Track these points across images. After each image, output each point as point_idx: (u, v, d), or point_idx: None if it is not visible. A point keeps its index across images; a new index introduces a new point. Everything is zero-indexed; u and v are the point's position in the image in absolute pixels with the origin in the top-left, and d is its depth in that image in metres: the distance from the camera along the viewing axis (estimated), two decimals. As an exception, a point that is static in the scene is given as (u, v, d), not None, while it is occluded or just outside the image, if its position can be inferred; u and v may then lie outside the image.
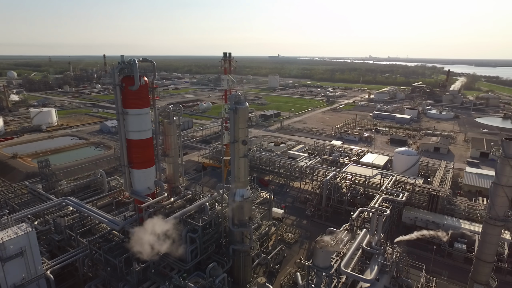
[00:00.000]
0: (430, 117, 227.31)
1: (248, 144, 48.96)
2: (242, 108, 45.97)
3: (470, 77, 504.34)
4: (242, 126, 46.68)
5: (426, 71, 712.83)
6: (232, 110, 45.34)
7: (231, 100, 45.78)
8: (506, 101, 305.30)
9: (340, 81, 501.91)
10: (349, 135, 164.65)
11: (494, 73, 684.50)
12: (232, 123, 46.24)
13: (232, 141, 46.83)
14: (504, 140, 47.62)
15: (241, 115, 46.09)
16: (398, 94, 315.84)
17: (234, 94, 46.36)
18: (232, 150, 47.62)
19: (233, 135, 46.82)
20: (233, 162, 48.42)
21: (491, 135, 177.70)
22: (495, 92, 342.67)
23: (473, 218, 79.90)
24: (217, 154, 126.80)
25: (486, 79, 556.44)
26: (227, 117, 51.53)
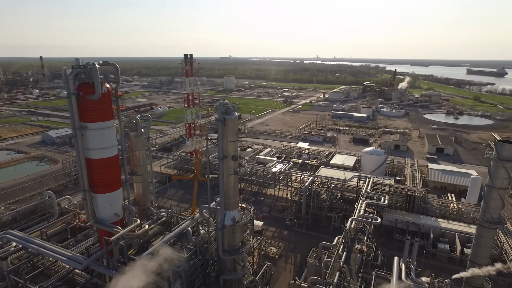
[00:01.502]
0: (384, 115, 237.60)
1: (214, 150, 42.51)
2: (231, 119, 39.77)
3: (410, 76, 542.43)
4: (232, 139, 40.49)
5: (371, 71, 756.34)
6: (220, 121, 38.89)
7: (218, 110, 39.35)
8: (444, 97, 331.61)
9: (294, 81, 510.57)
10: (313, 136, 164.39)
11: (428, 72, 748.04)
12: (220, 136, 39.84)
13: (220, 157, 40.43)
14: (497, 142, 46.93)
15: (231, 127, 39.87)
16: (351, 93, 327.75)
17: (221, 103, 39.93)
18: (221, 167, 41.20)
19: (221, 150, 40.41)
20: (221, 181, 41.99)
21: (440, 130, 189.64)
22: (434, 90, 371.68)
23: (446, 215, 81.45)
24: (182, 163, 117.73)
25: (423, 78, 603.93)
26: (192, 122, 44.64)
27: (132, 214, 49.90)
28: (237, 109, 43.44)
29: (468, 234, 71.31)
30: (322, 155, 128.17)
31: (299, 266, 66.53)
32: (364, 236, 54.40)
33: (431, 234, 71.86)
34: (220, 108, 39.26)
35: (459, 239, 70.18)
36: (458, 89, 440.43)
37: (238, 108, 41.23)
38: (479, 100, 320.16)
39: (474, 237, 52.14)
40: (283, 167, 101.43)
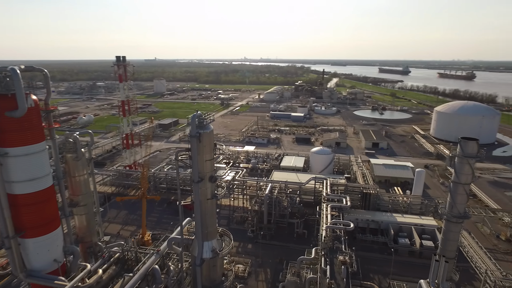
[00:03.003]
0: (318, 113, 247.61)
1: (155, 161, 36.01)
2: (207, 134, 33.35)
3: (332, 75, 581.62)
4: (209, 157, 34.09)
5: (298, 71, 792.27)
6: (194, 137, 32.18)
7: (192, 123, 32.62)
8: (367, 94, 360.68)
9: (227, 82, 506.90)
10: (257, 138, 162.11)
11: (347, 71, 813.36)
12: (194, 154, 33.10)
13: (196, 179, 33.65)
14: (461, 140, 48.56)
15: (207, 143, 33.47)
16: (285, 93, 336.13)
17: (195, 115, 33.27)
18: (196, 192, 34.47)
19: (196, 172, 33.71)
20: (197, 208, 35.18)
21: (371, 126, 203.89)
22: (356, 88, 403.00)
23: (398, 209, 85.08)
24: (121, 179, 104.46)
25: (345, 76, 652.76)
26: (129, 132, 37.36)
27: (76, 257, 39.87)
28: (212, 121, 36.84)
29: (422, 226, 75.05)
30: (271, 158, 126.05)
31: (271, 282, 62.17)
32: (341, 244, 52.36)
33: (391, 230, 73.84)
34: (194, 121, 32.59)
35: (416, 232, 73.23)
36: (376, 87, 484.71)
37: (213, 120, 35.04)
38: (395, 96, 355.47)
39: (442, 232, 53.57)
40: (238, 174, 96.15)
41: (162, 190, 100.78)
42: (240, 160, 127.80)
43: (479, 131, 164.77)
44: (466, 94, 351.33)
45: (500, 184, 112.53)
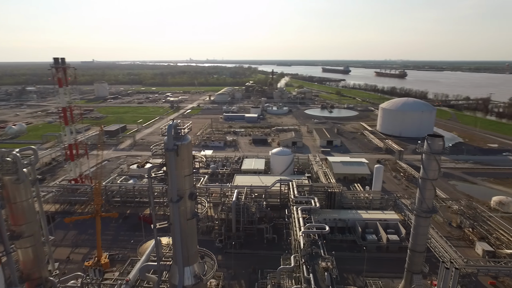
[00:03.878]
0: (271, 113, 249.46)
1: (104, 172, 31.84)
2: (185, 145, 29.23)
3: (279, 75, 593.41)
4: (188, 172, 29.99)
5: (246, 71, 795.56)
6: (172, 150, 27.92)
7: (168, 134, 28.21)
8: (315, 93, 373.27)
9: (174, 84, 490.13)
10: (214, 142, 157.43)
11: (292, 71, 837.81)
12: (171, 170, 28.80)
13: (174, 199, 29.32)
14: (428, 137, 49.99)
15: (185, 156, 29.34)
16: (236, 94, 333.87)
17: (171, 125, 28.85)
18: (175, 212, 30.12)
19: (174, 189, 29.39)
20: (176, 229, 30.81)
21: (322, 124, 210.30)
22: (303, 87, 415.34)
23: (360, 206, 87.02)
24: (67, 195, 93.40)
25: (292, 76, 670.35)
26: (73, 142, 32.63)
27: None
28: (190, 130, 32.63)
29: (386, 220, 77.51)
30: (231, 162, 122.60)
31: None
32: (320, 249, 51.13)
33: (358, 227, 75.07)
34: (170, 132, 28.26)
35: (381, 227, 75.32)
36: (322, 85, 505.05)
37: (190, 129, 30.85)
38: (341, 94, 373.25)
39: (412, 227, 55.12)
40: (198, 181, 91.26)
41: (116, 204, 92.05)
42: (199, 165, 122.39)
43: (419, 126, 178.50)
44: (402, 91, 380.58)
45: (444, 174, 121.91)
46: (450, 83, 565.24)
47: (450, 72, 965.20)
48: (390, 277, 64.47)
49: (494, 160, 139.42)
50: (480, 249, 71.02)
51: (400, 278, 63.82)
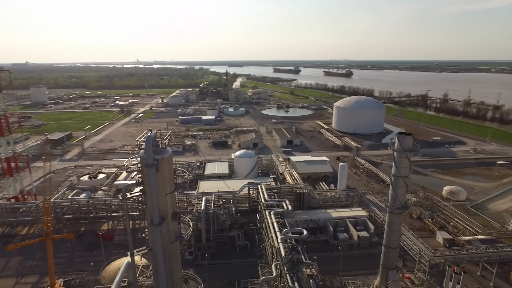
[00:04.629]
0: (228, 115, 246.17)
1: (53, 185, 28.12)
2: (166, 159, 25.58)
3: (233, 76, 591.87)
4: (170, 189, 26.30)
5: (197, 73, 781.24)
6: (152, 166, 24.13)
7: (147, 148, 24.29)
8: (269, 93, 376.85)
9: (122, 87, 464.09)
10: (172, 147, 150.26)
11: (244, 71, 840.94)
12: (151, 188, 24.94)
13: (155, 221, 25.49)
14: (399, 135, 50.93)
15: (167, 171, 25.72)
16: (190, 96, 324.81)
17: (150, 137, 24.93)
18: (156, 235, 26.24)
19: (155, 210, 25.56)
20: (158, 254, 26.88)
21: (280, 124, 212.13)
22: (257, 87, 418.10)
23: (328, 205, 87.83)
24: (5, 216, 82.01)
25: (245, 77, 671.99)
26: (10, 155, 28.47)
27: None
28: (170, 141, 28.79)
29: (355, 217, 78.90)
30: (192, 167, 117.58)
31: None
32: (300, 254, 49.69)
33: (330, 227, 75.39)
34: (150, 145, 24.37)
35: (351, 224, 76.43)
36: (275, 85, 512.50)
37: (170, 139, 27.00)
38: (294, 94, 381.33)
39: (386, 224, 56.08)
40: None
41: (67, 222, 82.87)
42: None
43: (372, 122, 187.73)
44: (350, 89, 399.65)
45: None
46: (391, 81, 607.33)
47: (389, 71, 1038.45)
48: (365, 274, 65.40)
49: (439, 152, 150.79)
50: (441, 238, 75.24)
51: (374, 274, 65.10)
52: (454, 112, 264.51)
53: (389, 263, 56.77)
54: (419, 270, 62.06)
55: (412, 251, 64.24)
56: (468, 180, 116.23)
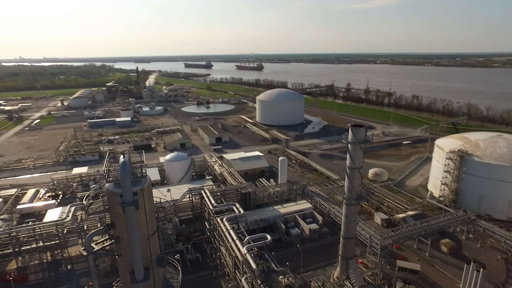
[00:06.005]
0: (145, 115, 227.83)
1: None
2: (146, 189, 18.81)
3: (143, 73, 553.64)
4: (153, 229, 19.56)
5: (100, 70, 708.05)
6: (132, 204, 17.24)
7: (124, 179, 17.18)
8: (185, 90, 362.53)
9: (6, 90, 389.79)
10: (85, 156, 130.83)
11: (153, 68, 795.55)
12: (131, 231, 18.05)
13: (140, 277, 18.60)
14: (352, 128, 51.15)
15: (148, 205, 18.94)
16: (96, 96, 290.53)
17: (126, 163, 17.67)
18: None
19: (138, 262, 18.80)
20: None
21: (204, 121, 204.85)
22: (172, 84, 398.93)
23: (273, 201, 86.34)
24: None
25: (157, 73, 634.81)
26: None
27: None
28: (145, 168, 21.46)
29: (302, 211, 79.11)
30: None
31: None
32: (270, 262, 46.39)
33: (281, 224, 73.96)
34: (127, 175, 17.21)
35: (300, 218, 76.34)
36: (190, 81, 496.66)
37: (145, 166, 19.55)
38: (211, 89, 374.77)
39: (343, 215, 56.63)
40: (72, 208, 72.53)
41: None
42: (73, 189, 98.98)
43: (293, 114, 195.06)
44: (265, 82, 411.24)
45: (326, 156, 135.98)
46: (299, 73, 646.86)
47: (295, 64, 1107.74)
48: (322, 266, 65.91)
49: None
50: (379, 219, 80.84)
51: (330, 265, 66.14)
52: (359, 99, 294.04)
53: (349, 253, 57.73)
54: (370, 254, 64.94)
55: (361, 237, 66.90)
56: (385, 161, 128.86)
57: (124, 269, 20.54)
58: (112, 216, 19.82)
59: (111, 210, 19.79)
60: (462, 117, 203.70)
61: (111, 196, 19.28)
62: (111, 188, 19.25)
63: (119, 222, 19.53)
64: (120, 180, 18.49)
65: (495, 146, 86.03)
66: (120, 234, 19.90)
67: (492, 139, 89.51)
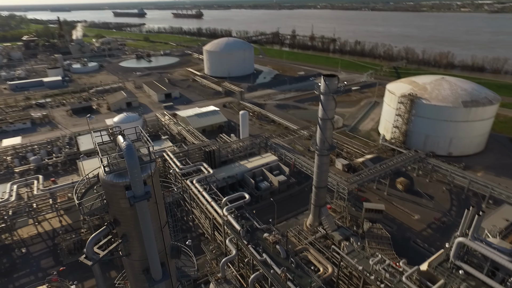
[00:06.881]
0: (78, 73, 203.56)
1: None
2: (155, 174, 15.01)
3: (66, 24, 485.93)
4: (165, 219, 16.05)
5: (10, 22, 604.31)
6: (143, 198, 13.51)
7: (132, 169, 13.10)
8: (120, 43, 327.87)
9: None
10: (13, 125, 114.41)
11: (76, 17, 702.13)
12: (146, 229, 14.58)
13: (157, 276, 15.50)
14: (324, 77, 49.46)
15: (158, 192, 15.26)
16: (12, 54, 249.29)
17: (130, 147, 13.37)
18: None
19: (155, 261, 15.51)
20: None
21: (148, 76, 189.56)
22: (103, 36, 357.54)
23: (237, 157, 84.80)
24: None
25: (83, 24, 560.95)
26: None
27: None
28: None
29: (268, 164, 79.01)
30: (59, 146, 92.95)
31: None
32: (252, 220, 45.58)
33: (249, 179, 73.45)
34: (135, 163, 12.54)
35: (267, 171, 76.40)
36: (123, 32, 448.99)
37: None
38: (150, 40, 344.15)
39: (316, 166, 57.19)
40: (15, 187, 64.35)
41: None
42: (9, 163, 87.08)
43: (244, 64, 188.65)
44: (208, 31, 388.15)
45: (281, 106, 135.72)
46: (242, 20, 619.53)
47: (236, 10, 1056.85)
48: (293, 216, 68.13)
49: (307, 86, 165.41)
50: (340, 164, 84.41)
51: (301, 213, 68.57)
52: (305, 46, 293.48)
53: (321, 201, 59.63)
54: (337, 199, 68.11)
55: (329, 184, 69.36)
56: (337, 107, 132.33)
57: (133, 269, 17.45)
58: (114, 212, 16.04)
59: (112, 205, 15.97)
60: (401, 61, 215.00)
61: (111, 189, 15.34)
62: (110, 179, 15.24)
63: (125, 218, 15.91)
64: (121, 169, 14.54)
65: (440, 89, 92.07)
66: (126, 231, 16.35)
67: (437, 82, 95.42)
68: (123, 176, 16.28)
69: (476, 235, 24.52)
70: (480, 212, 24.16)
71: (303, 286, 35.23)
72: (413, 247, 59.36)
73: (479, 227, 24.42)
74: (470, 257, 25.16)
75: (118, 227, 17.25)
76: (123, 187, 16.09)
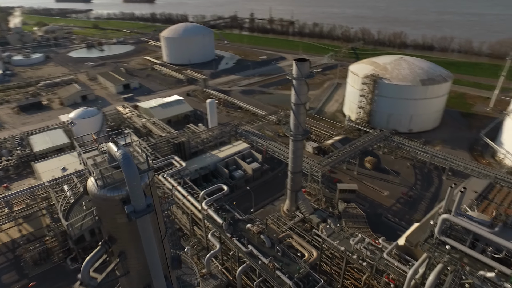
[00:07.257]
0: (21, 65, 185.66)
1: None
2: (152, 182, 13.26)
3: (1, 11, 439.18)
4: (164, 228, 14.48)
5: None
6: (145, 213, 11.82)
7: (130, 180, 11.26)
8: (66, 31, 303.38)
9: None
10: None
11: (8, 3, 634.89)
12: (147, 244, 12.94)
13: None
14: (297, 62, 48.80)
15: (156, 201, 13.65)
16: None
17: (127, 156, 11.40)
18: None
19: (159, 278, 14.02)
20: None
21: (102, 66, 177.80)
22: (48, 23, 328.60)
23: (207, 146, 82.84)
24: None
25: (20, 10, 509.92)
26: None
27: None
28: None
29: (240, 151, 78.06)
30: (9, 148, 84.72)
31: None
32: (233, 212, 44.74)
33: (223, 169, 72.16)
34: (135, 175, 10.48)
35: (240, 159, 75.47)
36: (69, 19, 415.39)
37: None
38: (100, 27, 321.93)
39: (290, 151, 57.14)
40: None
41: None
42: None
43: (204, 50, 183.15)
44: (163, 16, 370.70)
45: (247, 92, 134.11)
46: (197, 4, 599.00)
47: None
48: (270, 202, 68.27)
49: (270, 70, 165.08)
50: (310, 147, 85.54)
51: (277, 199, 68.91)
52: (264, 30, 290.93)
53: (297, 186, 60.08)
54: (311, 182, 69.10)
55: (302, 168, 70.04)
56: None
57: (131, 287, 15.76)
58: (108, 228, 14.08)
59: (106, 221, 13.96)
60: (359, 42, 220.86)
61: (105, 204, 13.31)
62: (104, 193, 13.17)
63: (122, 235, 14.06)
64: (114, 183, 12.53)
65: (400, 68, 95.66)
66: (124, 248, 14.50)
67: (396, 62, 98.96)
68: (118, 189, 14.36)
69: (459, 211, 25.73)
70: (462, 188, 25.32)
71: (292, 274, 35.35)
72: (385, 222, 62.20)
73: (461, 203, 25.57)
74: (453, 231, 26.49)
75: (114, 244, 15.45)
76: (119, 200, 14.19)
